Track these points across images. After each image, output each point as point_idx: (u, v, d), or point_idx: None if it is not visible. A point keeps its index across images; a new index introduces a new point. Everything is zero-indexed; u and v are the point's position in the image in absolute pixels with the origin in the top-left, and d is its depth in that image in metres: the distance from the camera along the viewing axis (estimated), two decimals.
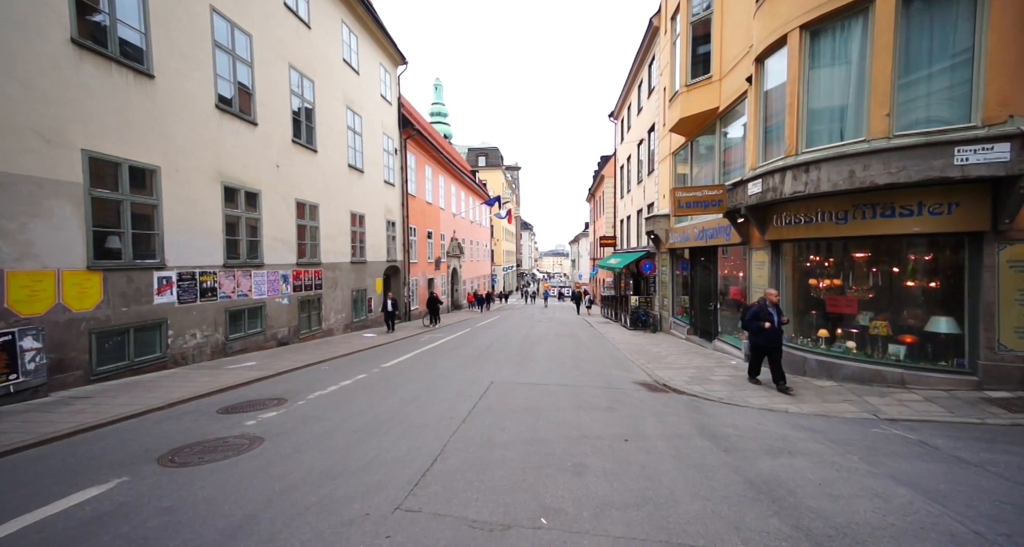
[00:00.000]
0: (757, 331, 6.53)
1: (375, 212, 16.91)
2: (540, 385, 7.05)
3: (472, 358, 9.77)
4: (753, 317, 6.56)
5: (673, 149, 13.79)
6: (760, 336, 6.54)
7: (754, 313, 6.59)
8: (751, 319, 6.59)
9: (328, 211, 13.58)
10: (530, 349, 11.30)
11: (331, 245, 13.74)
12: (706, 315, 11.54)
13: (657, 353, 10.68)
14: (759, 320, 6.47)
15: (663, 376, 7.90)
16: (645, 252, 16.28)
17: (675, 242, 13.42)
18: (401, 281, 19.47)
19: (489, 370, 8.31)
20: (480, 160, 45.99)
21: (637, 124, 19.06)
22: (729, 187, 8.54)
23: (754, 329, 6.56)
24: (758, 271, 8.48)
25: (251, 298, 10.16)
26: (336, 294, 14.04)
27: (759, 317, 6.49)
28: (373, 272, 16.77)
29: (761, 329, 6.45)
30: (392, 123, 18.60)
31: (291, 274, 11.68)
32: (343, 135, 14.54)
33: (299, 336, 12.02)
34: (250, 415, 5.24)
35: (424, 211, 22.41)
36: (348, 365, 8.94)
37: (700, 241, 11.21)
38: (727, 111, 10.04)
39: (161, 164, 7.86)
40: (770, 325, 6.39)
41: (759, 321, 6.47)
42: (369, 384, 7.04)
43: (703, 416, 5.46)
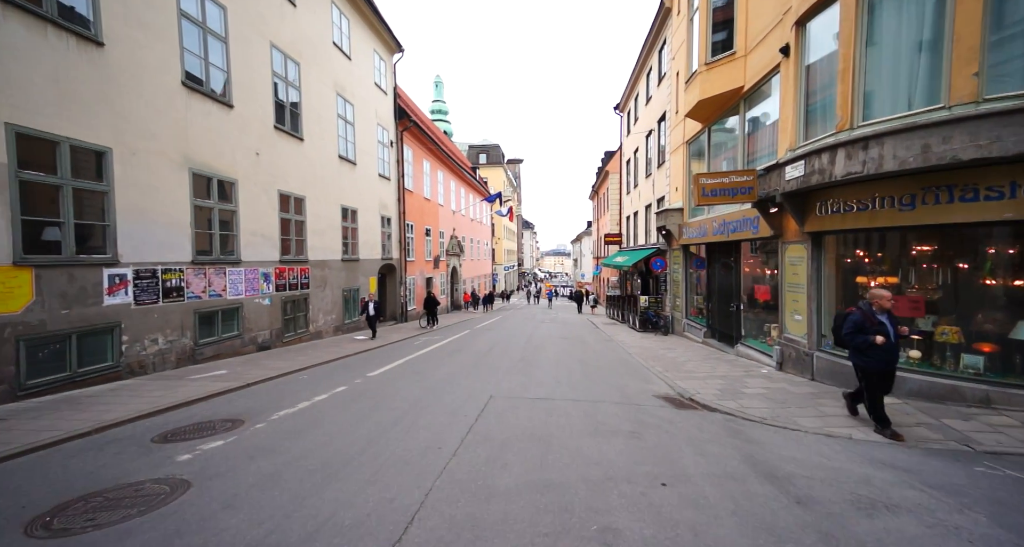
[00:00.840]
0: (864, 348, 4.59)
1: (369, 207, 15.87)
2: (547, 400, 6.00)
3: (469, 365, 8.72)
4: (856, 329, 4.63)
5: (687, 138, 12.71)
6: (870, 355, 4.58)
7: (856, 323, 4.65)
8: (853, 332, 4.65)
9: (316, 205, 12.54)
10: (534, 354, 10.24)
11: (319, 241, 12.71)
12: (726, 317, 10.46)
13: (674, 359, 9.62)
14: (864, 333, 4.57)
15: (688, 388, 6.83)
16: (655, 249, 15.21)
17: (690, 238, 12.34)
18: (397, 280, 18.43)
19: (488, 380, 7.26)
20: (481, 158, 44.93)
21: (645, 115, 17.98)
22: (760, 173, 7.47)
23: (859, 346, 4.62)
24: (793, 268, 7.40)
25: (225, 298, 9.12)
26: (325, 294, 13.00)
27: (864, 329, 4.58)
28: (367, 271, 15.73)
29: (870, 345, 4.51)
30: (387, 114, 17.55)
31: (273, 272, 10.64)
32: (333, 124, 13.50)
33: (283, 340, 10.99)
34: (190, 445, 4.19)
35: (422, 207, 21.37)
36: (330, 374, 7.90)
37: (720, 236, 10.14)
38: (753, 91, 8.96)
39: (112, 145, 6.82)
40: (884, 339, 4.46)
41: (865, 334, 4.56)
42: (347, 399, 5.98)
43: (750, 444, 4.39)
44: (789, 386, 6.70)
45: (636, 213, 20.04)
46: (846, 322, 4.77)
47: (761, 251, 9.07)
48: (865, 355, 4.63)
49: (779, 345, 7.79)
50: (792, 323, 7.47)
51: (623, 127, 22.90)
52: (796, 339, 7.35)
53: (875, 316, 4.64)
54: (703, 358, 9.59)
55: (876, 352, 4.54)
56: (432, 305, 16.89)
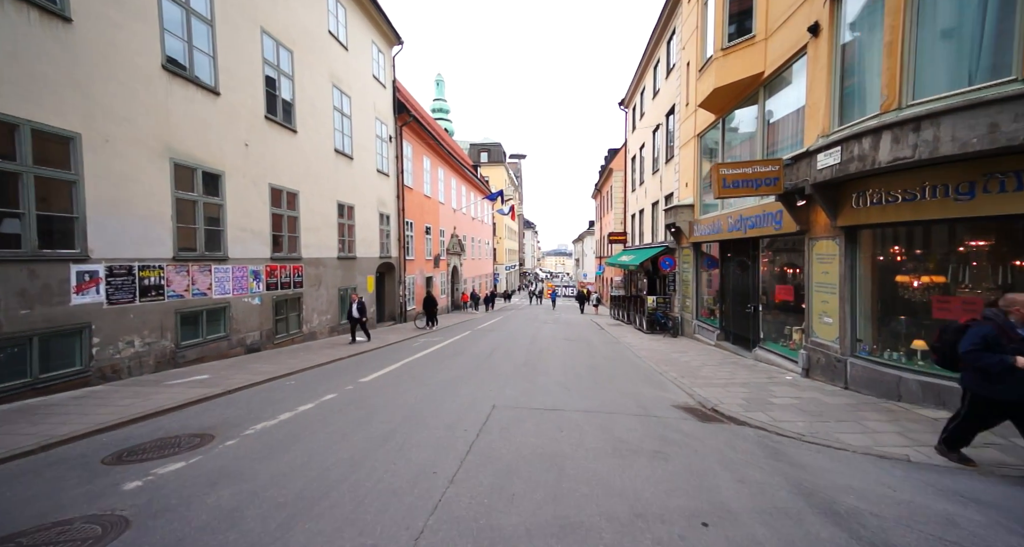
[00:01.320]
0: (996, 372, 3.40)
1: (367, 203, 15.28)
2: (556, 411, 5.39)
3: (470, 370, 8.11)
4: (985, 344, 3.45)
5: (699, 130, 12.09)
6: (1004, 382, 3.41)
7: (986, 338, 3.46)
8: (980, 349, 3.46)
9: (311, 200, 11.95)
10: (538, 358, 9.63)
11: (314, 238, 12.11)
12: (742, 319, 9.84)
13: (688, 363, 9.00)
14: (998, 350, 3.40)
15: (709, 397, 6.21)
16: (663, 247, 14.58)
17: (701, 235, 11.71)
18: (396, 279, 17.84)
19: (490, 387, 6.65)
20: (482, 156, 44.32)
21: (652, 109, 17.35)
22: (787, 162, 6.84)
23: (989, 368, 3.43)
24: (823, 266, 6.78)
25: (211, 297, 8.53)
26: (320, 293, 12.41)
27: (998, 345, 3.42)
28: (364, 269, 15.14)
29: (1011, 369, 3.33)
30: (386, 108, 16.96)
31: (264, 270, 10.05)
32: (328, 116, 12.91)
33: (274, 341, 10.39)
34: (144, 468, 3.59)
35: (422, 205, 20.77)
36: (320, 379, 7.29)
37: (736, 232, 9.51)
38: (774, 77, 8.34)
39: (82, 131, 6.23)
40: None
41: (998, 351, 3.40)
42: (334, 410, 5.38)
43: (795, 468, 3.78)
44: (822, 395, 6.07)
45: (642, 211, 19.41)
46: (968, 335, 3.57)
47: (783, 248, 8.44)
48: (995, 381, 3.45)
49: (805, 350, 7.17)
50: (820, 326, 6.85)
51: (628, 123, 22.27)
52: (826, 343, 6.72)
53: (1015, 329, 3.45)
54: (719, 363, 8.96)
55: (1013, 377, 3.35)
56: (431, 305, 16.39)
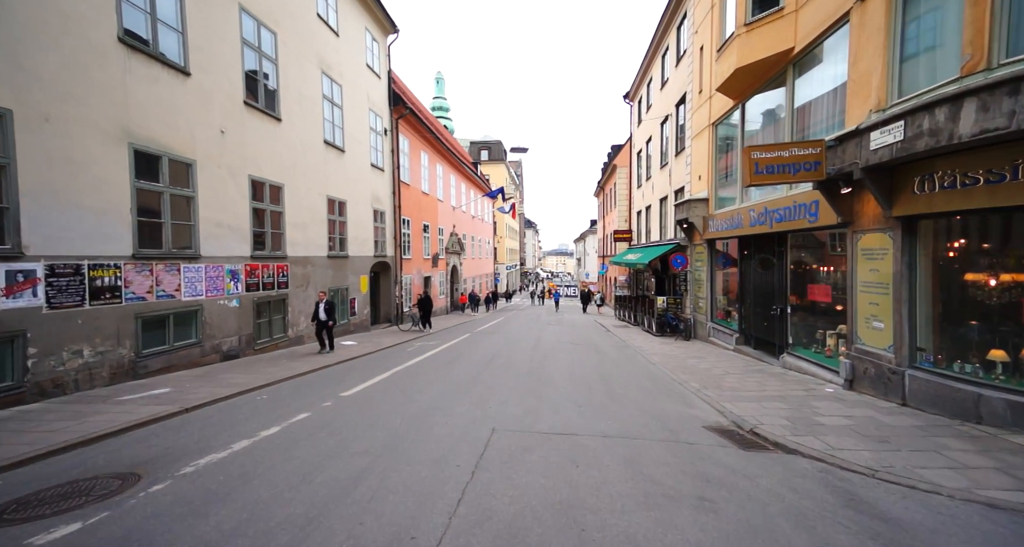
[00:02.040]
0: None
1: (360, 199, 14.37)
2: (568, 437, 4.48)
3: (467, 381, 7.19)
4: None
5: (714, 118, 11.16)
6: None
7: None
8: None
9: (297, 194, 11.04)
10: (543, 365, 8.71)
11: (301, 235, 11.21)
12: (767, 322, 8.92)
13: (709, 371, 8.08)
14: None
15: (744, 415, 5.30)
16: (674, 245, 13.66)
17: (717, 231, 10.79)
18: (392, 279, 16.93)
19: (490, 403, 5.74)
20: (483, 154, 43.41)
21: (660, 100, 16.42)
22: (830, 144, 5.91)
23: None
24: (870, 264, 5.86)
25: (179, 300, 7.63)
26: (308, 294, 11.50)
27: None
28: (357, 268, 14.23)
29: None
30: (381, 99, 16.04)
31: (243, 269, 9.14)
32: (317, 105, 12.00)
33: (254, 347, 9.49)
34: (22, 533, 2.68)
35: (420, 202, 19.87)
36: (296, 392, 6.39)
37: (760, 227, 8.59)
38: (806, 53, 7.42)
39: (12, 106, 5.33)
40: None
41: None
42: (301, 436, 4.47)
43: (891, 527, 2.86)
44: (878, 414, 5.15)
45: (649, 207, 18.49)
46: None
47: (817, 244, 7.52)
48: None
49: (848, 359, 6.24)
50: (868, 331, 5.93)
51: (633, 117, 21.34)
52: (875, 352, 5.80)
53: None
54: (743, 371, 8.04)
55: None
56: (427, 306, 15.46)
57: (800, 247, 7.96)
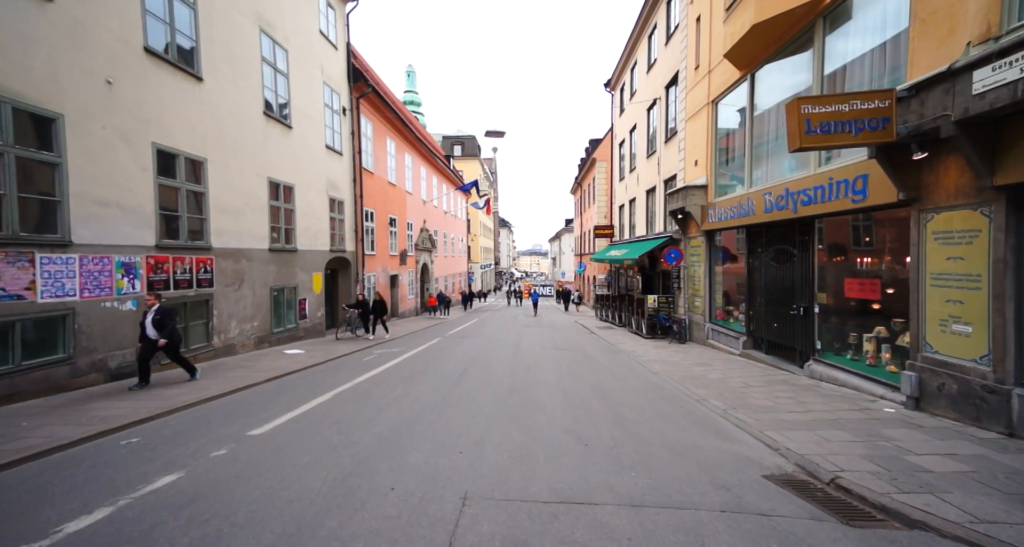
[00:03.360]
0: None
1: (312, 185, 12.33)
2: (582, 510, 2.85)
3: (431, 405, 5.46)
4: None
5: (715, 95, 9.85)
6: None
7: None
8: None
9: (226, 173, 8.97)
10: (527, 379, 7.07)
11: (232, 223, 9.14)
12: (784, 323, 7.61)
13: (723, 382, 6.67)
14: None
15: (804, 451, 3.83)
16: (666, 238, 12.33)
17: (719, 221, 9.47)
18: (352, 277, 14.89)
19: (459, 445, 4.05)
20: (456, 149, 41.41)
21: (647, 84, 15.13)
22: (902, 94, 4.53)
23: None
24: (950, 250, 4.53)
25: (35, 302, 5.54)
26: (242, 294, 9.43)
27: None
28: (309, 265, 12.18)
29: None
30: (338, 74, 14.01)
31: (143, 262, 7.07)
32: (255, 69, 9.93)
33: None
34: None
35: (385, 193, 17.87)
36: (184, 430, 4.48)
37: (779, 212, 7.27)
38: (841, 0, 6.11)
39: None
40: None
41: None
42: (145, 528, 2.64)
43: None
44: (990, 452, 3.76)
45: (633, 201, 17.20)
46: None
47: (863, 228, 6.19)
48: None
49: (914, 371, 4.91)
50: (946, 337, 4.60)
51: (614, 107, 20.07)
52: (959, 363, 4.47)
53: None
54: (765, 382, 6.67)
55: None
56: (378, 308, 12.62)
57: (834, 234, 6.64)
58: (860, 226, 6.16)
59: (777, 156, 7.81)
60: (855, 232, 6.26)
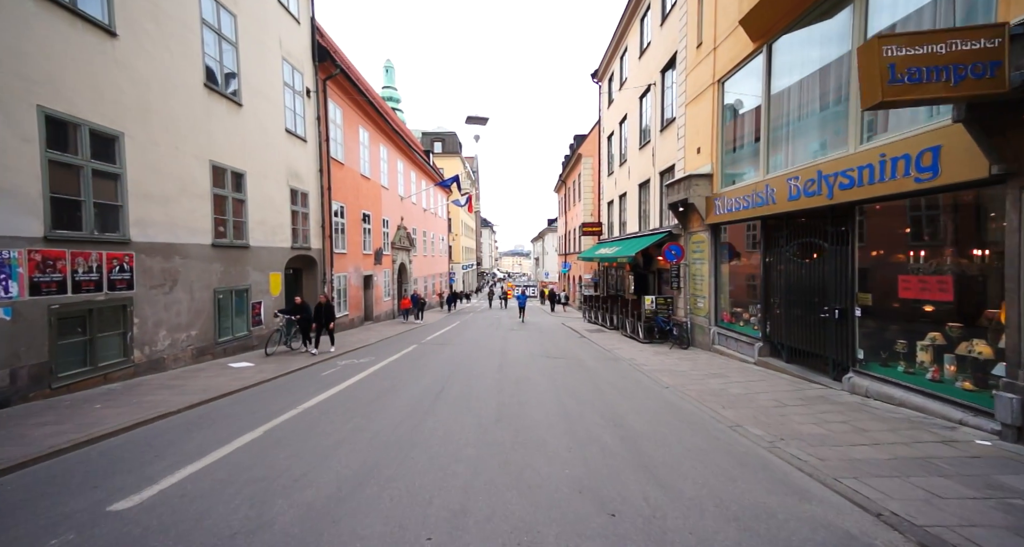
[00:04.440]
0: None
1: (268, 172, 10.72)
2: None
3: (393, 446, 4.08)
4: None
5: (722, 74, 8.78)
6: None
7: None
8: None
9: (152, 152, 7.37)
10: (517, 400, 5.76)
11: (161, 213, 7.53)
12: (811, 327, 6.53)
13: (750, 399, 5.52)
14: None
15: (925, 519, 2.66)
16: (665, 234, 11.23)
17: (729, 212, 8.39)
18: (319, 278, 13.30)
19: (428, 520, 2.70)
20: (436, 146, 39.80)
21: (639, 70, 14.05)
22: (1021, 29, 3.42)
23: None
24: None
25: None
26: (175, 298, 7.82)
27: None
28: (265, 263, 10.58)
29: None
30: (301, 50, 12.42)
31: (24, 258, 5.45)
32: (193, 31, 8.32)
33: (52, 384, 5.77)
34: None
35: (358, 186, 16.30)
36: (31, 497, 2.99)
37: (809, 200, 6.19)
38: None
39: None
40: None
41: None
42: None
43: None
44: None
45: (623, 196, 16.12)
46: None
47: (925, 214, 5.12)
48: None
49: (1016, 393, 3.82)
50: None
51: (602, 98, 19.00)
52: None
53: None
54: (800, 399, 5.55)
55: None
56: (325, 314, 9.76)
57: (882, 223, 5.57)
58: (922, 212, 5.09)
59: (803, 136, 6.75)
60: (913, 219, 5.19)
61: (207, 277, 8.65)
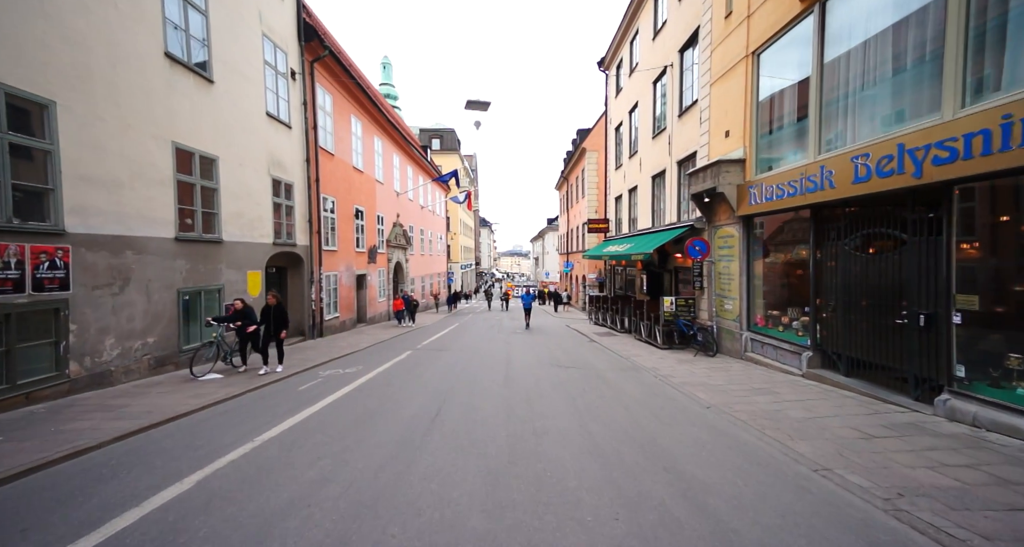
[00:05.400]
0: None
1: (247, 160, 9.51)
2: None
3: (366, 516, 2.88)
4: None
5: (758, 44, 7.63)
6: None
7: None
8: None
9: (95, 127, 6.15)
10: (532, 429, 4.56)
11: (108, 199, 6.33)
12: (882, 335, 5.38)
13: (821, 427, 4.36)
14: None
15: None
16: (687, 227, 10.05)
17: (770, 201, 7.23)
18: (306, 277, 12.08)
19: None
20: (434, 143, 38.56)
21: (653, 52, 12.88)
22: None
23: None
24: None
25: None
26: (127, 299, 6.61)
27: None
28: (242, 260, 9.36)
29: None
30: (285, 28, 11.21)
31: None
32: None
33: None
34: None
35: (350, 180, 15.08)
36: None
37: (886, 180, 5.04)
38: None
39: None
40: None
41: None
42: None
43: None
44: None
45: (634, 189, 14.96)
46: None
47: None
48: None
49: None
50: None
51: (609, 88, 17.83)
52: None
53: None
54: (884, 426, 4.39)
55: None
56: (274, 320, 7.51)
57: (992, 206, 4.42)
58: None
59: (869, 107, 5.59)
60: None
61: (169, 276, 7.43)
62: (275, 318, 7.54)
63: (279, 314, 7.59)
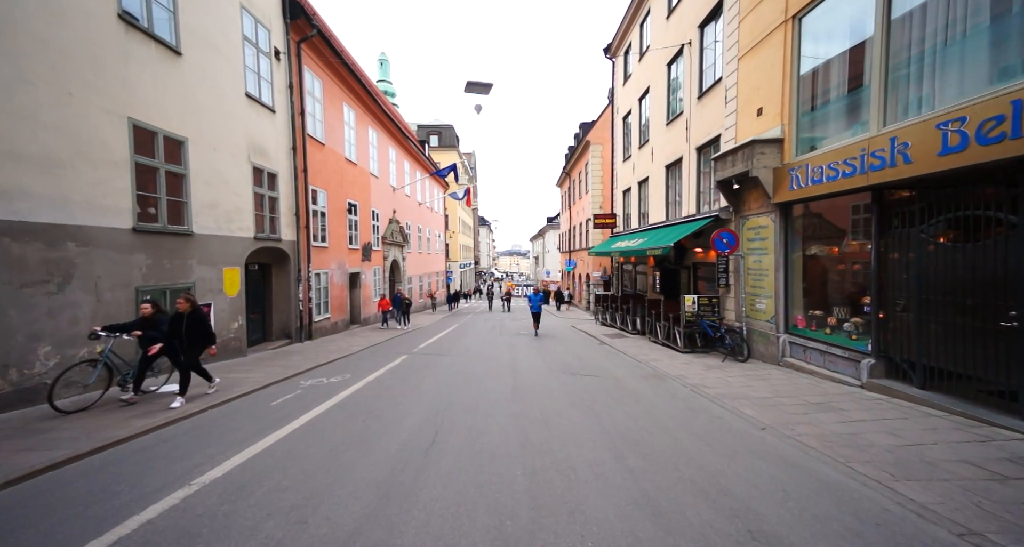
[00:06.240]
0: None
1: (221, 143, 8.43)
2: None
3: None
4: None
5: (799, 7, 6.60)
6: None
7: None
8: None
9: (26, 95, 5.11)
10: (553, 461, 3.51)
11: (43, 182, 5.27)
12: (977, 342, 4.36)
13: (921, 458, 3.34)
14: None
15: None
16: (712, 218, 9.01)
17: (817, 184, 6.21)
18: (292, 275, 11.01)
19: None
20: (432, 139, 37.45)
21: (667, 31, 11.84)
22: None
23: None
24: None
25: None
26: (68, 300, 5.56)
27: None
28: (217, 256, 8.30)
29: None
30: (268, 3, 10.14)
31: None
32: None
33: None
34: None
35: (342, 172, 14.01)
36: None
37: (988, 148, 4.02)
38: None
39: None
40: None
41: None
42: None
43: None
44: None
45: (645, 181, 13.92)
46: None
47: None
48: None
49: None
50: None
51: (616, 75, 16.79)
52: None
53: None
54: (1010, 460, 3.36)
55: None
56: (193, 338, 5.42)
57: None
58: None
59: (957, 66, 4.56)
60: None
61: (124, 272, 6.36)
62: (189, 330, 5.33)
63: (196, 325, 5.36)
